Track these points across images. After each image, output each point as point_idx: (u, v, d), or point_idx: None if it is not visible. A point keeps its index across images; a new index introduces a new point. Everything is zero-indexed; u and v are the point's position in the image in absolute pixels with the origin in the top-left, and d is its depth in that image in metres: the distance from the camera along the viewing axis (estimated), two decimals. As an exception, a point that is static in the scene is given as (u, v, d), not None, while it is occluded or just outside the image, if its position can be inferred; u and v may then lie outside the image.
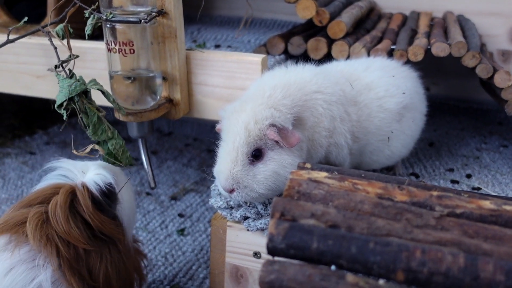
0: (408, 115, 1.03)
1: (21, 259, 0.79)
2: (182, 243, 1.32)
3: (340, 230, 0.57)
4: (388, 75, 1.03)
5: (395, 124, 1.00)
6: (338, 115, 0.91)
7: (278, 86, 0.88)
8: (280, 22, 1.71)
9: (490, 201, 0.61)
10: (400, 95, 1.01)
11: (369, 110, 0.98)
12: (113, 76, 1.05)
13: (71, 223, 0.83)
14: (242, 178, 0.85)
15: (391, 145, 1.02)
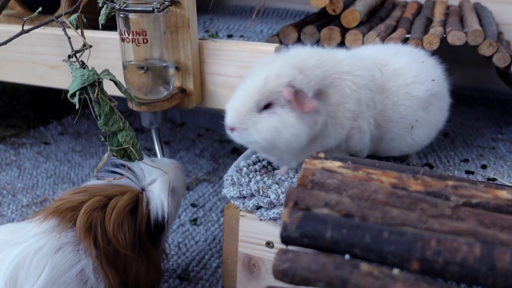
0: (435, 104, 1.00)
1: (68, 242, 0.83)
2: (195, 232, 1.33)
3: (354, 219, 0.57)
4: (418, 61, 1.00)
5: (421, 112, 0.98)
6: (365, 100, 0.91)
7: (314, 56, 0.88)
8: (293, 12, 1.70)
9: (507, 191, 0.60)
10: (429, 82, 0.97)
11: (396, 98, 0.96)
12: (127, 66, 1.05)
13: (121, 227, 0.86)
14: (245, 121, 0.86)
15: (414, 133, 1.00)
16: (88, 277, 0.83)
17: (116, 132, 0.90)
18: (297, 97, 0.83)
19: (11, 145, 1.78)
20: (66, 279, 0.80)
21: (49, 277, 0.79)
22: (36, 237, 0.81)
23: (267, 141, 0.86)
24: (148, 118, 1.11)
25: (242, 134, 0.87)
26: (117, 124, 0.90)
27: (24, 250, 0.79)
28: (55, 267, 0.80)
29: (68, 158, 1.71)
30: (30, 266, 0.78)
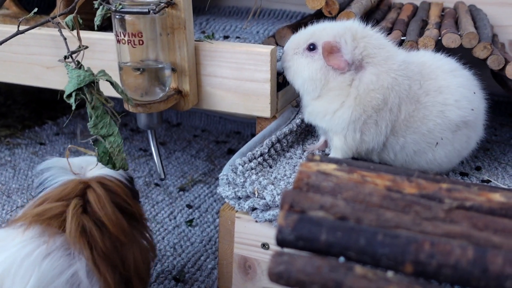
0: (464, 131, 1.01)
1: (58, 247, 0.81)
2: (191, 234, 1.33)
3: (349, 222, 0.57)
4: (468, 88, 1.01)
5: (448, 133, 0.99)
6: (391, 103, 0.93)
7: (375, 36, 0.95)
8: (289, 13, 1.70)
9: (500, 194, 0.60)
10: (467, 110, 0.98)
11: (428, 112, 0.97)
12: (122, 67, 1.05)
13: (116, 213, 0.87)
14: (289, 57, 0.98)
15: (436, 150, 1.01)
16: (81, 281, 0.81)
17: (104, 137, 0.90)
18: (331, 51, 0.91)
19: (6, 145, 1.77)
20: (56, 286, 0.78)
21: (37, 285, 0.76)
22: (21, 244, 0.79)
23: (291, 79, 0.99)
24: (144, 120, 1.11)
25: (285, 71, 1.00)
26: (107, 128, 0.89)
27: (9, 257, 0.77)
28: (43, 274, 0.78)
29: (63, 158, 1.71)
30: (17, 274, 0.76)
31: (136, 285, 0.90)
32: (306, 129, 1.19)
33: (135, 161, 1.69)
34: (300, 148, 1.14)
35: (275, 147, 1.09)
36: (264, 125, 1.15)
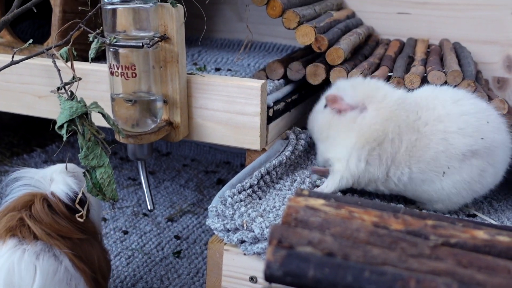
0: (474, 161, 1.00)
1: (41, 249, 0.88)
2: (178, 265, 1.32)
3: (336, 258, 0.58)
4: (478, 118, 1.01)
5: (455, 161, 1.00)
6: (391, 133, 1.01)
7: (375, 86, 1.07)
8: (280, 46, 1.74)
9: (484, 231, 0.62)
10: (474, 139, 0.99)
11: (428, 141, 1.00)
12: (115, 98, 1.07)
13: (58, 221, 0.92)
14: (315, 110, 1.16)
15: (443, 180, 1.02)
16: (72, 274, 0.89)
17: (95, 168, 0.91)
18: (334, 100, 1.06)
19: (-6, 172, 1.76)
20: (59, 279, 0.86)
21: (44, 278, 0.83)
22: (8, 252, 0.84)
23: (309, 130, 1.18)
24: (135, 150, 1.11)
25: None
26: (97, 159, 0.90)
27: (5, 262, 0.82)
28: (45, 269, 0.84)
29: (51, 186, 1.70)
30: (20, 271, 0.82)
31: (100, 282, 0.97)
32: (296, 161, 1.21)
33: (124, 190, 1.68)
34: (289, 179, 1.15)
35: (264, 178, 1.10)
36: (254, 157, 1.16)
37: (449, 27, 1.59)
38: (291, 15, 1.23)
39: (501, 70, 1.58)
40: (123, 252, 1.36)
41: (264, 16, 1.37)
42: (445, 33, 1.60)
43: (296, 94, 1.31)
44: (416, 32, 1.63)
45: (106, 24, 1.02)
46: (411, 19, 1.63)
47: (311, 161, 1.24)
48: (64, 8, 1.29)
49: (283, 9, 1.22)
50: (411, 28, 1.63)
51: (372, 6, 1.65)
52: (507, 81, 1.58)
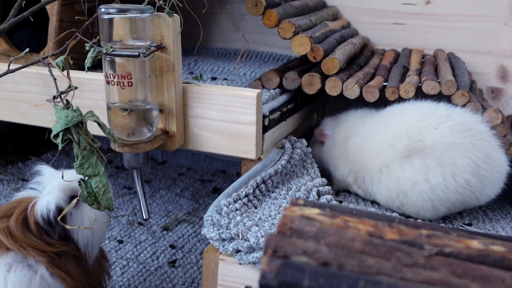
0: (416, 161, 1.08)
1: (15, 260, 0.87)
2: (173, 275, 1.31)
3: (331, 267, 0.58)
4: (424, 123, 1.10)
5: (394, 162, 1.11)
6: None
7: (355, 119, 1.29)
8: (276, 55, 1.75)
9: (478, 241, 0.62)
10: (414, 140, 1.08)
11: (369, 142, 1.18)
12: (111, 107, 1.07)
13: (28, 235, 0.91)
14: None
15: (385, 179, 1.14)
16: (49, 283, 0.88)
17: (90, 177, 0.91)
18: (320, 133, 1.33)
19: (-12, 181, 1.75)
20: None
21: None
22: None
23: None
24: (130, 159, 1.11)
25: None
26: (93, 168, 0.90)
27: None
28: (17, 281, 0.83)
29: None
30: None
31: None
32: (291, 170, 1.21)
33: (119, 199, 1.68)
34: (285, 188, 1.16)
35: (260, 187, 1.10)
36: (249, 166, 1.16)
37: (443, 38, 1.61)
38: (287, 25, 1.23)
39: (495, 80, 1.59)
40: (118, 261, 1.35)
41: (260, 26, 1.38)
42: (440, 43, 1.62)
43: (292, 103, 1.32)
44: (410, 42, 1.64)
45: (102, 33, 1.02)
46: (405, 29, 1.64)
47: (306, 170, 1.24)
48: (61, 17, 1.30)
49: (279, 19, 1.23)
50: (406, 39, 1.65)
51: (367, 17, 1.66)
52: (501, 91, 1.60)
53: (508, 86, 1.58)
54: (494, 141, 1.10)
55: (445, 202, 1.09)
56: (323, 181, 1.19)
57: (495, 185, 1.11)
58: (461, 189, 1.06)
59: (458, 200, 1.09)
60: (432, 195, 1.08)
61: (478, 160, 1.05)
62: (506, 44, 1.55)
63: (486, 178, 1.07)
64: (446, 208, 1.11)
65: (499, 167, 1.09)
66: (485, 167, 1.06)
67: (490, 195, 1.12)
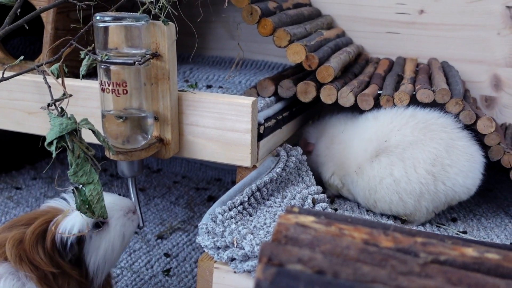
0: (384, 159, 1.16)
1: (6, 271, 0.87)
2: (168, 284, 1.30)
3: (326, 275, 0.57)
4: (390, 127, 1.18)
5: (365, 162, 1.19)
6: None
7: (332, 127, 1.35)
8: (271, 64, 1.75)
9: (473, 249, 0.62)
10: (380, 141, 1.17)
11: (348, 148, 1.24)
12: (105, 115, 1.07)
13: (37, 249, 0.90)
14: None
15: (360, 180, 1.21)
16: None
17: (84, 185, 0.90)
18: (304, 142, 1.36)
19: (-19, 189, 1.74)
20: None
21: None
22: None
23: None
24: (125, 167, 1.11)
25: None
26: (87, 176, 0.90)
27: None
28: None
29: (39, 204, 1.68)
30: None
31: None
32: (287, 178, 1.21)
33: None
34: (280, 196, 1.15)
35: (255, 195, 1.10)
36: (245, 174, 1.16)
37: (437, 47, 1.62)
38: (282, 34, 1.24)
39: (489, 89, 1.61)
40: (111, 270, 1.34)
41: (255, 34, 1.39)
42: (433, 52, 1.63)
43: (287, 111, 1.32)
44: (405, 51, 1.66)
45: (97, 41, 1.02)
46: (400, 38, 1.65)
47: (302, 178, 1.24)
48: (56, 25, 1.30)
49: (274, 28, 1.24)
50: (400, 47, 1.66)
51: (361, 26, 1.68)
52: (494, 100, 1.61)
53: (501, 94, 1.59)
54: (457, 133, 1.15)
55: (412, 194, 1.13)
56: (318, 189, 1.19)
57: (469, 174, 1.14)
58: (423, 180, 1.12)
59: (428, 192, 1.12)
60: (397, 187, 1.14)
61: (438, 151, 1.11)
62: (499, 53, 1.56)
63: (452, 166, 1.12)
64: (414, 201, 1.13)
65: (468, 156, 1.13)
66: (448, 157, 1.11)
67: (468, 186, 1.15)
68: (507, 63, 1.56)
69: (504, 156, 1.16)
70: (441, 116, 1.17)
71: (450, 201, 1.16)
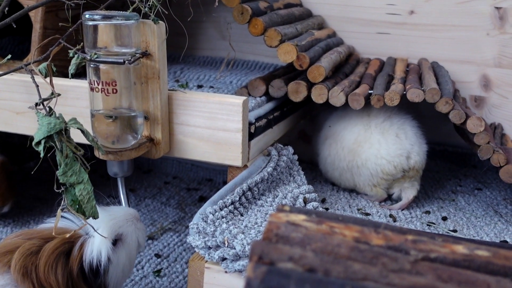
0: (327, 141, 1.37)
1: (6, 284, 0.83)
2: (158, 284, 1.29)
3: (317, 274, 0.57)
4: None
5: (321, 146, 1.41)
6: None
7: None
8: (262, 64, 1.75)
9: (463, 246, 0.62)
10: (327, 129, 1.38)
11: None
12: (95, 114, 1.06)
13: (53, 271, 0.86)
14: None
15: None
16: None
17: (73, 185, 0.89)
18: (303, 133, 1.52)
19: (-31, 191, 1.71)
20: None
21: None
22: None
23: None
24: (115, 167, 1.10)
25: None
26: (76, 176, 0.89)
27: None
28: None
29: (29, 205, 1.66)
30: None
31: None
32: (278, 178, 1.21)
33: (104, 208, 1.65)
34: (271, 196, 1.15)
35: (246, 195, 1.09)
36: (236, 174, 1.15)
37: (427, 47, 1.63)
38: (273, 33, 1.24)
39: (478, 89, 1.62)
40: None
41: (246, 35, 1.38)
42: (424, 52, 1.64)
43: (278, 111, 1.32)
44: (395, 51, 1.66)
45: (87, 40, 1.01)
46: (390, 39, 1.66)
47: (293, 177, 1.24)
48: (45, 24, 1.28)
49: (265, 28, 1.24)
50: (391, 48, 1.66)
51: (352, 26, 1.68)
52: (483, 100, 1.62)
53: (490, 94, 1.60)
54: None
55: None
56: (310, 188, 1.19)
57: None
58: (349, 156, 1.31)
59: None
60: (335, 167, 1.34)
61: (357, 135, 1.30)
62: (488, 54, 1.57)
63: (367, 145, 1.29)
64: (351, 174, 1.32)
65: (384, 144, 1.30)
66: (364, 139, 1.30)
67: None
68: (496, 63, 1.57)
69: (494, 155, 1.17)
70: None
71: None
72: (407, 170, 1.26)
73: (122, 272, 0.98)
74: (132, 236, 1.00)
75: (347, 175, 1.32)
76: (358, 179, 1.30)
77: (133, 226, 1.01)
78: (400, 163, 1.25)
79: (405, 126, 1.29)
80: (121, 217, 1.00)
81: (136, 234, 1.01)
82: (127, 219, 1.00)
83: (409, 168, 1.26)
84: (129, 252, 1.00)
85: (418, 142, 1.29)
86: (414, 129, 1.31)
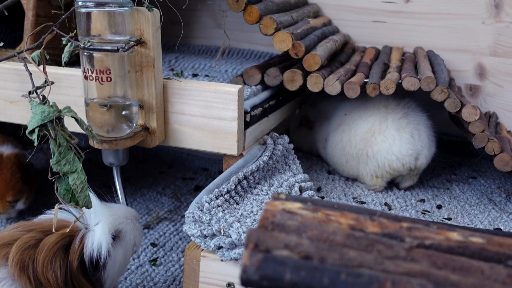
0: (340, 128, 1.37)
1: (2, 277, 0.82)
2: (154, 273, 1.30)
3: (313, 261, 0.57)
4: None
5: (331, 133, 1.41)
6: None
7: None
8: (257, 53, 1.74)
9: (458, 233, 0.62)
10: (342, 117, 1.39)
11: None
12: (89, 103, 1.05)
13: (51, 265, 0.85)
14: None
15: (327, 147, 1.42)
16: None
17: (67, 174, 0.88)
18: (306, 120, 1.53)
19: (-37, 180, 1.70)
20: None
21: None
22: None
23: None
24: (110, 156, 1.09)
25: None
26: (70, 165, 0.88)
27: None
28: None
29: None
30: None
31: None
32: (273, 166, 1.21)
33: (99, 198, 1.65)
34: (267, 184, 1.15)
35: (242, 183, 1.09)
36: (231, 162, 1.15)
37: (423, 36, 1.62)
38: (268, 22, 1.23)
39: (473, 77, 1.62)
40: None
41: (241, 23, 1.37)
42: (419, 41, 1.63)
43: (274, 99, 1.31)
44: (391, 40, 1.66)
45: (80, 27, 1.00)
46: (386, 27, 1.65)
47: (289, 166, 1.24)
48: (37, 12, 1.27)
49: (260, 16, 1.23)
50: (386, 36, 1.66)
51: (348, 15, 1.67)
52: (479, 88, 1.62)
53: (485, 83, 1.61)
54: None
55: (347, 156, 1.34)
56: (305, 177, 1.19)
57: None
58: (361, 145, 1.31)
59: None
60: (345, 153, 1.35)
61: (372, 125, 1.31)
62: (484, 42, 1.57)
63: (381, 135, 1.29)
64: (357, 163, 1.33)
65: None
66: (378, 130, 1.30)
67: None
68: (491, 52, 1.57)
69: (488, 144, 1.17)
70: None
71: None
72: (413, 169, 1.28)
73: (118, 270, 0.98)
74: (130, 234, 1.01)
75: (353, 162, 1.32)
76: (363, 168, 1.31)
77: (132, 225, 1.02)
78: (408, 162, 1.26)
79: (420, 127, 1.29)
80: (121, 214, 1.00)
81: (134, 233, 1.02)
82: (127, 217, 1.01)
83: (415, 168, 1.28)
84: (126, 250, 1.00)
85: (429, 145, 1.30)
86: (428, 130, 1.31)
